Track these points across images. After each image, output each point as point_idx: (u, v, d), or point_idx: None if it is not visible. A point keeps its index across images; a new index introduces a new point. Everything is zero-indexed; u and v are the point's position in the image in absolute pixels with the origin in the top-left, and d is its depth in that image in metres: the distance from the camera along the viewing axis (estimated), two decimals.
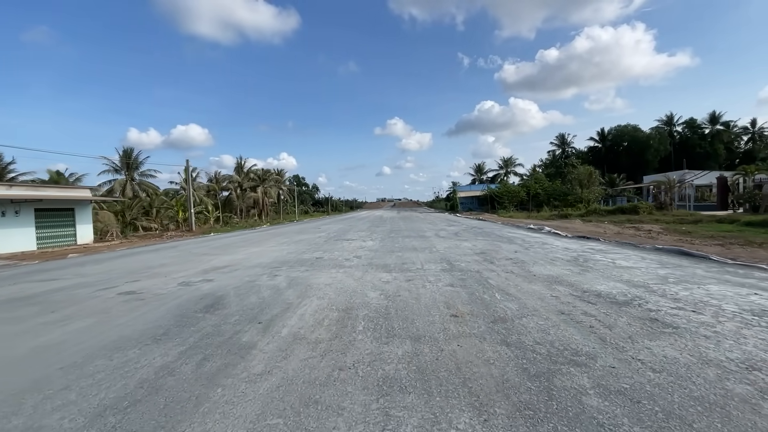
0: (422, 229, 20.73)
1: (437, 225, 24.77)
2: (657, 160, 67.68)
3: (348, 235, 18.30)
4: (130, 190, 43.59)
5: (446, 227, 22.28)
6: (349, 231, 21.20)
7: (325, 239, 16.16)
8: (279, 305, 5.46)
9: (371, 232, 19.48)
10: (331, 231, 21.64)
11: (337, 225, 28.94)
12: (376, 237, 16.64)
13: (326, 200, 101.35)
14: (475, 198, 57.04)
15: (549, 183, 47.15)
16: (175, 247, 16.13)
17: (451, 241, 13.93)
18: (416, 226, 23.70)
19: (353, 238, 16.18)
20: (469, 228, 21.19)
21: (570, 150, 76.01)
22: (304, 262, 9.82)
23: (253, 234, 22.81)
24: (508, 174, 71.30)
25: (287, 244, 14.82)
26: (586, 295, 5.53)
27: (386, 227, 23.80)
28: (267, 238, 18.69)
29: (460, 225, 24.21)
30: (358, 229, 22.34)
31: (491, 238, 15.03)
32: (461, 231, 19.02)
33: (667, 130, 71.38)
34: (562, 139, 76.12)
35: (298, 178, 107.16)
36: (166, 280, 7.86)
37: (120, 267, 10.40)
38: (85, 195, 22.99)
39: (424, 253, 10.91)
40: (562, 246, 11.69)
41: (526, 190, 45.19)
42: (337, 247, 13.14)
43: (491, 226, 23.01)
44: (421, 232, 19.10)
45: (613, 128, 75.16)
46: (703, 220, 21.38)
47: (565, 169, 52.00)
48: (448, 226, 23.71)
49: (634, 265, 7.91)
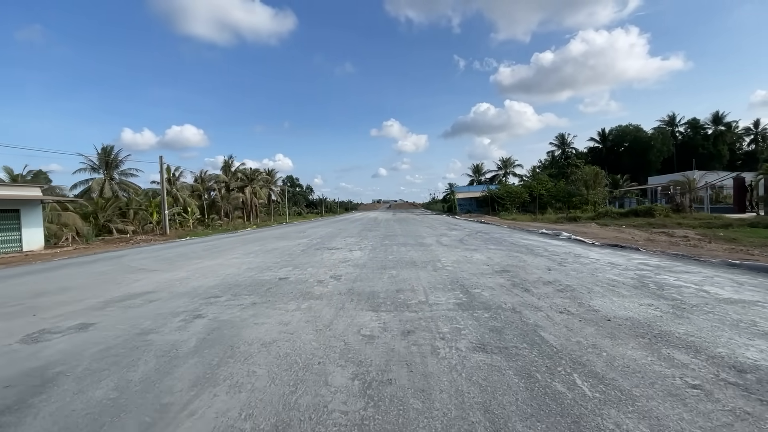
0: (420, 234, 17.95)
1: (437, 229, 22.00)
2: (660, 161, 65.53)
3: (334, 241, 15.48)
4: (109, 189, 40.51)
5: (447, 231, 19.52)
6: (336, 236, 18.39)
7: (305, 247, 13.34)
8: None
9: (362, 238, 16.68)
10: (317, 236, 18.83)
11: (326, 228, 26.09)
12: (367, 245, 13.83)
13: (320, 201, 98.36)
14: (474, 199, 54.41)
15: (552, 184, 44.60)
16: (120, 257, 13.21)
17: (458, 252, 11.15)
18: (414, 230, 20.92)
19: (338, 247, 13.36)
20: (473, 233, 18.46)
21: (570, 150, 73.65)
22: (259, 286, 6.98)
23: (227, 239, 19.91)
24: (507, 175, 68.79)
25: (256, 254, 11.97)
26: (753, 386, 2.75)
27: (380, 231, 20.99)
28: (238, 244, 15.82)
29: (462, 229, 21.47)
30: (348, 234, 19.51)
31: (505, 246, 12.26)
32: (466, 237, 16.26)
33: (670, 131, 69.26)
34: (562, 139, 73.79)
35: (291, 179, 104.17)
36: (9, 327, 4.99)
37: None
38: (34, 194, 19.94)
39: (427, 270, 8.11)
40: (604, 260, 8.94)
41: (529, 191, 42.57)
42: (314, 260, 10.31)
43: (498, 230, 20.27)
44: (419, 237, 16.33)
45: (615, 128, 72.98)
46: (733, 224, 18.85)
47: (569, 170, 49.58)
48: (449, 230, 20.95)
49: (746, 298, 5.16)
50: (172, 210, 31.50)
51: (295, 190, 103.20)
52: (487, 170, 74.09)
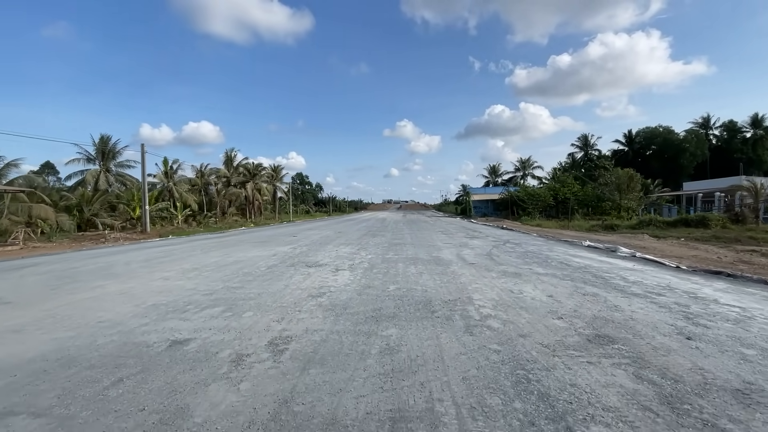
0: (435, 244, 14.17)
1: (454, 236, 18.16)
2: (692, 166, 60.22)
3: (322, 251, 11.85)
4: (104, 181, 37.77)
5: (468, 240, 15.68)
6: (330, 243, 14.76)
7: (278, 261, 9.70)
8: None
9: (360, 247, 13.00)
10: (306, 242, 15.24)
11: (324, 231, 22.48)
12: (363, 259, 10.14)
13: (329, 200, 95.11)
14: (491, 202, 50.20)
15: (579, 187, 40.20)
16: (35, 265, 9.80)
17: (494, 279, 7.33)
18: (426, 237, 17.13)
19: (323, 262, 9.67)
20: (500, 242, 14.60)
21: (593, 153, 68.62)
22: (87, 384, 3.34)
23: (198, 242, 16.46)
24: (526, 176, 64.23)
25: (200, 271, 8.37)
26: None
27: (385, 237, 17.26)
28: (199, 251, 12.29)
29: (484, 236, 17.59)
30: (345, 240, 15.85)
31: (557, 268, 8.41)
32: (494, 249, 12.43)
33: (703, 134, 63.69)
34: (584, 140, 68.79)
35: (301, 176, 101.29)
36: None
37: None
38: None
39: (453, 329, 4.31)
40: (743, 305, 5.02)
41: (553, 194, 38.29)
42: (273, 288, 6.63)
43: (529, 240, 16.33)
44: (433, 248, 12.56)
45: (642, 130, 67.72)
46: None
47: (596, 172, 45.02)
48: (468, 237, 17.09)
49: None
50: (157, 205, 28.33)
51: (304, 187, 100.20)
52: (504, 171, 69.62)
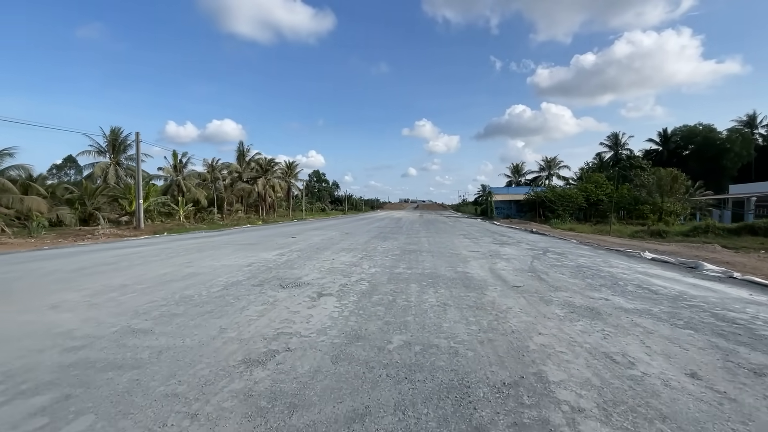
0: (458, 252, 11.32)
1: (480, 242, 15.22)
2: (736, 168, 54.88)
3: (315, 260, 9.22)
4: (113, 174, 36.40)
5: (498, 248, 12.74)
6: (331, 246, 12.14)
7: (250, 274, 7.10)
8: None
9: (364, 255, 10.29)
10: (305, 244, 12.67)
11: (332, 231, 19.90)
12: (362, 276, 7.42)
13: (345, 198, 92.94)
14: (514, 203, 46.65)
15: (613, 188, 36.34)
16: None
17: (564, 322, 4.45)
18: (446, 243, 14.27)
19: (307, 279, 7.01)
20: (539, 251, 11.60)
21: (623, 152, 63.75)
22: None
23: (187, 242, 14.13)
24: (551, 176, 60.09)
25: (124, 294, 5.85)
26: None
27: (398, 242, 14.50)
28: (171, 255, 9.84)
29: (516, 242, 14.59)
30: (350, 244, 13.19)
31: (646, 300, 5.45)
32: (537, 263, 9.48)
33: (749, 133, 57.99)
34: (615, 139, 63.95)
35: (318, 174, 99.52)
36: None
37: None
38: None
39: None
40: None
41: (585, 195, 34.62)
42: (194, 337, 3.97)
43: (573, 249, 13.24)
44: (457, 260, 9.72)
45: (679, 128, 62.41)
46: None
47: (631, 173, 40.96)
48: (498, 244, 14.13)
49: None
50: (156, 200, 26.42)
51: (320, 185, 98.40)
52: (528, 171, 65.55)
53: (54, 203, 27.78)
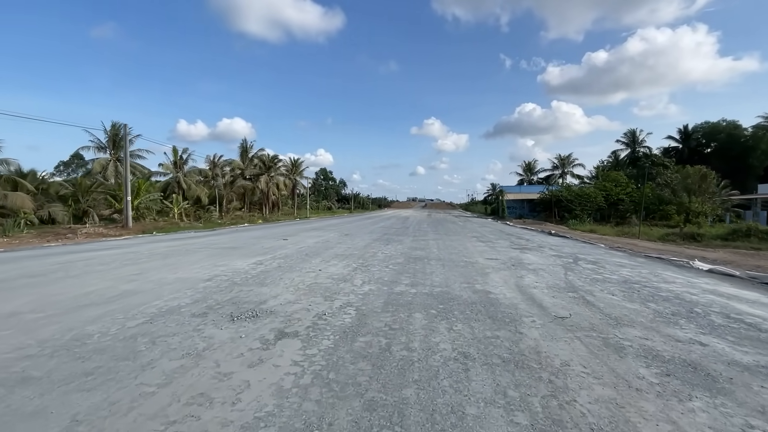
0: (474, 260, 9.45)
1: (496, 246, 13.30)
2: (763, 166, 51.66)
3: (296, 272, 7.46)
4: (113, 171, 35.24)
5: (520, 254, 10.80)
6: (323, 252, 10.38)
7: (201, 295, 5.33)
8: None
9: (360, 265, 8.50)
10: (294, 249, 10.93)
11: (331, 232, 18.17)
12: (350, 299, 5.59)
13: (352, 197, 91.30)
14: (526, 202, 44.39)
15: (634, 187, 33.97)
16: None
17: (662, 398, 2.60)
18: (458, 247, 12.39)
19: (274, 304, 5.22)
20: (568, 259, 9.65)
21: (641, 150, 60.78)
22: None
23: (167, 243, 12.52)
24: (565, 175, 57.48)
25: (30, 323, 4.15)
26: None
27: (402, 246, 12.68)
28: (125, 263, 8.18)
29: (538, 247, 12.63)
30: (346, 249, 11.41)
31: (755, 346, 3.54)
32: (572, 276, 7.56)
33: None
34: (632, 137, 60.91)
35: (325, 172, 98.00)
36: None
37: None
38: None
39: None
40: None
41: (605, 194, 32.32)
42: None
43: (605, 256, 11.23)
44: (474, 271, 7.85)
45: (701, 125, 59.21)
46: None
47: (653, 170, 38.39)
48: (518, 249, 12.19)
49: None
50: (148, 197, 24.98)
51: (327, 183, 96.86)
52: (541, 169, 62.92)
53: (46, 200, 26.63)
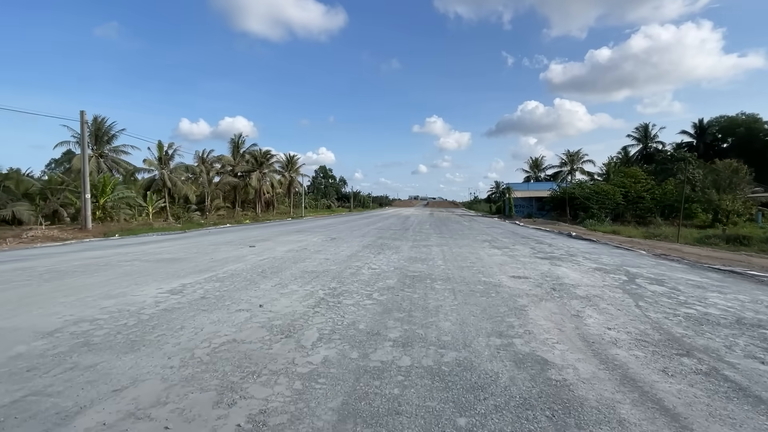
0: (496, 281, 6.67)
1: (515, 253, 10.50)
2: None
3: (228, 305, 4.79)
4: (95, 167, 32.67)
5: (552, 268, 8.02)
6: (293, 265, 7.68)
7: (19, 369, 2.75)
8: None
9: (329, 293, 5.78)
10: (260, 259, 8.22)
11: (318, 235, 15.46)
12: (275, 389, 2.93)
13: (353, 195, 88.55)
14: (535, 200, 41.55)
15: (654, 183, 31.06)
16: None
17: None
18: (470, 257, 9.61)
19: (113, 411, 2.57)
20: (621, 275, 6.89)
21: (654, 146, 57.67)
22: None
23: (80, 254, 9.85)
24: (574, 171, 54.47)
25: None
26: None
27: (399, 255, 9.93)
28: None
29: (571, 257, 9.82)
30: (320, 264, 8.68)
31: None
32: (662, 314, 4.78)
33: None
34: (644, 131, 57.75)
35: (324, 170, 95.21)
36: None
37: None
38: None
39: None
40: None
41: (623, 191, 29.45)
42: None
43: (662, 270, 8.38)
44: (502, 304, 5.08)
45: (717, 119, 56.05)
46: None
47: (673, 166, 35.45)
48: (545, 259, 9.38)
49: None
50: (117, 195, 22.32)
51: (327, 181, 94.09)
52: (548, 165, 59.88)
53: (9, 198, 24.09)
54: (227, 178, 32.87)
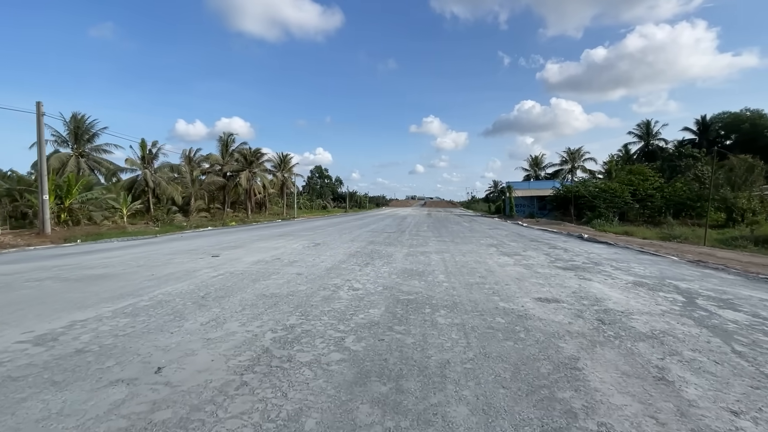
0: (519, 307, 4.90)
1: (529, 261, 8.75)
2: None
3: (103, 375, 3.01)
4: (74, 167, 30.76)
5: (582, 282, 6.27)
6: (254, 283, 5.93)
7: None
8: None
9: (287, 331, 4.06)
10: (210, 277, 6.46)
11: (301, 240, 13.67)
12: None
13: (348, 195, 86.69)
14: (536, 199, 39.90)
15: (662, 181, 29.47)
16: None
17: None
18: (476, 267, 7.83)
19: None
20: (676, 294, 5.15)
21: (656, 143, 56.17)
22: None
23: (16, 266, 8.03)
24: (575, 169, 52.87)
25: None
26: None
27: (391, 266, 8.16)
28: None
29: (596, 265, 8.08)
30: (286, 283, 6.88)
31: None
32: None
33: None
34: (646, 128, 56.19)
35: (320, 170, 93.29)
36: None
37: None
38: None
39: None
40: None
41: (632, 189, 27.81)
42: None
43: (719, 283, 6.63)
44: (553, 369, 3.35)
45: (720, 115, 54.57)
46: None
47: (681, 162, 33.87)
48: (569, 269, 7.62)
49: None
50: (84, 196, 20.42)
51: (323, 181, 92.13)
52: (549, 164, 58.26)
53: None
54: (212, 178, 30.94)
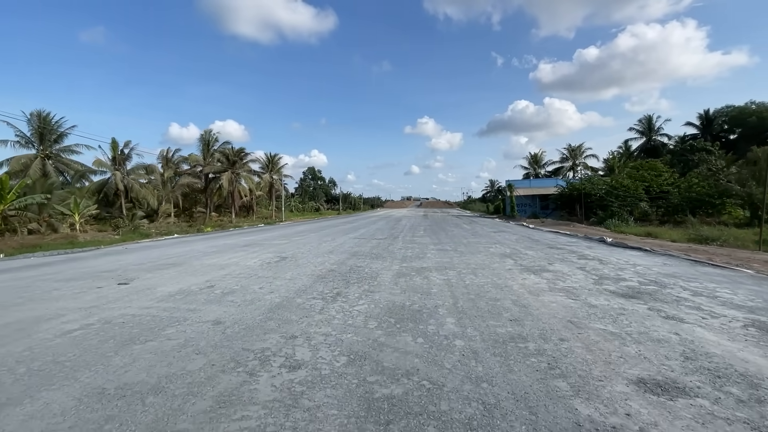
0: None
1: (571, 282, 6.24)
2: None
3: None
4: (39, 169, 27.94)
5: (685, 336, 3.85)
6: (141, 336, 3.40)
7: None
8: None
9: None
10: (78, 327, 3.97)
11: (266, 252, 11.12)
12: None
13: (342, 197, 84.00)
14: (538, 197, 37.51)
15: (676, 176, 27.16)
16: None
17: None
18: (505, 301, 5.31)
19: None
20: None
21: (658, 139, 54.14)
22: None
23: None
24: (576, 167, 50.66)
25: None
26: None
27: (375, 297, 5.63)
28: None
29: (663, 288, 5.59)
30: (198, 339, 4.35)
31: None
32: None
33: None
34: (647, 124, 54.10)
35: (313, 171, 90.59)
36: None
37: None
38: None
39: None
40: None
41: (645, 186, 25.45)
42: None
43: None
44: None
45: (725, 109, 52.54)
46: None
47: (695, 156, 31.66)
48: (643, 306, 5.10)
49: None
50: (23, 201, 17.62)
51: (316, 183, 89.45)
52: (549, 161, 55.99)
53: None
54: (186, 179, 28.19)
